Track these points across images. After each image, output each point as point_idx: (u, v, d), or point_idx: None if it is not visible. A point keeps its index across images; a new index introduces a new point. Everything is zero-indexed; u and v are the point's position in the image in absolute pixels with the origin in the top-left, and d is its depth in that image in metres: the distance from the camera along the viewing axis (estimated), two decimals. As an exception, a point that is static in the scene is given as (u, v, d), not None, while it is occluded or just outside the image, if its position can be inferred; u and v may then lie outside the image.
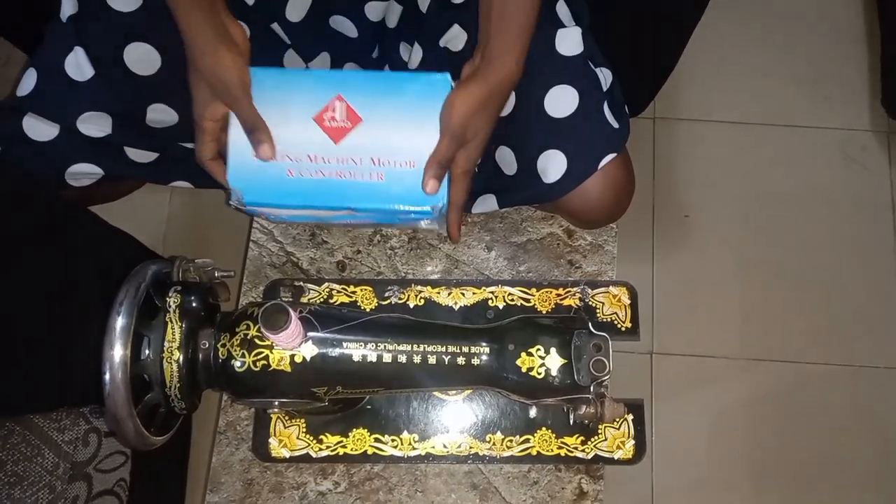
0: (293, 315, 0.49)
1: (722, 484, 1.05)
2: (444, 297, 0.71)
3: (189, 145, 0.73)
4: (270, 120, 0.57)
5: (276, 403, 0.55)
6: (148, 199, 1.04)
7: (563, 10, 0.68)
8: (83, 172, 0.70)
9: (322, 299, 0.71)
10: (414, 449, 0.68)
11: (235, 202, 0.60)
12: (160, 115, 0.68)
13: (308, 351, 0.53)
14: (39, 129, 0.66)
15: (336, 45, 0.74)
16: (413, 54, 0.69)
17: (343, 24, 0.71)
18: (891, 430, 1.07)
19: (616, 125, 0.68)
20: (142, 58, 0.64)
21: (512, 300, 0.71)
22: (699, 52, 1.17)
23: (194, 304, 0.54)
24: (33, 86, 0.65)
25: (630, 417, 0.69)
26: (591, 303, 0.71)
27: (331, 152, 0.58)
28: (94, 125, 0.66)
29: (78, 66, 0.64)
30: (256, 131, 0.58)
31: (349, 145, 0.58)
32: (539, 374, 0.55)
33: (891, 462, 1.05)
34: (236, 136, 0.59)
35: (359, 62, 0.78)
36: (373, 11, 0.72)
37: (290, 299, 0.71)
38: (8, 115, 0.66)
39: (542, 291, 0.72)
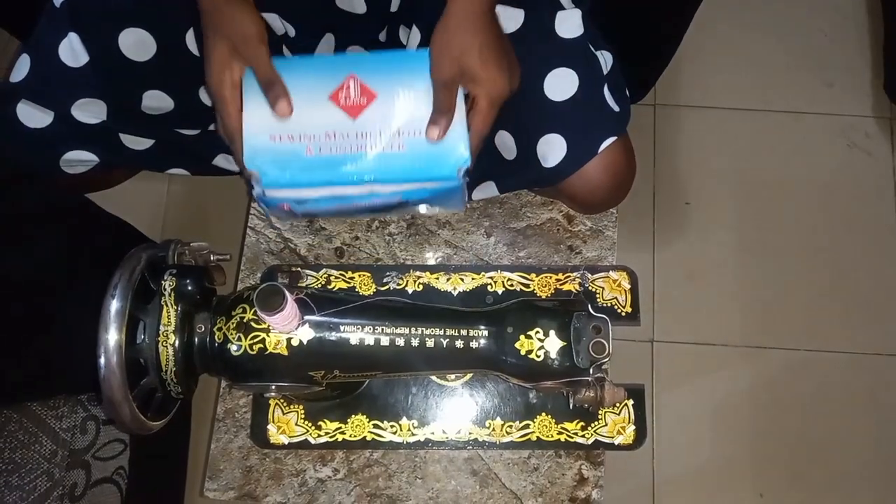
0: (289, 297, 0.48)
1: (723, 470, 1.05)
2: (442, 283, 0.71)
3: (186, 132, 0.72)
4: None
5: (274, 388, 0.54)
6: (145, 187, 1.03)
7: None
8: (78, 160, 0.69)
9: (320, 285, 0.71)
10: (413, 435, 0.68)
11: (257, 190, 0.59)
12: (155, 101, 0.67)
13: (305, 334, 0.53)
14: (33, 116, 0.66)
15: (342, 26, 0.73)
16: (411, 37, 0.68)
17: (352, 2, 0.70)
18: (892, 416, 1.06)
19: (617, 108, 0.67)
20: (136, 43, 0.63)
21: (511, 285, 0.71)
22: (700, 39, 1.16)
23: (189, 288, 0.53)
24: (27, 72, 0.64)
25: (630, 402, 0.68)
26: (590, 288, 0.71)
27: (349, 127, 0.58)
28: (89, 112, 0.66)
29: (72, 52, 0.63)
30: (274, 86, 0.56)
31: (367, 119, 0.58)
32: (538, 356, 0.55)
33: (892, 449, 1.05)
34: (249, 118, 0.58)
35: (365, 46, 0.76)
36: None
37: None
38: (1, 101, 0.66)
39: (541, 277, 0.71)
